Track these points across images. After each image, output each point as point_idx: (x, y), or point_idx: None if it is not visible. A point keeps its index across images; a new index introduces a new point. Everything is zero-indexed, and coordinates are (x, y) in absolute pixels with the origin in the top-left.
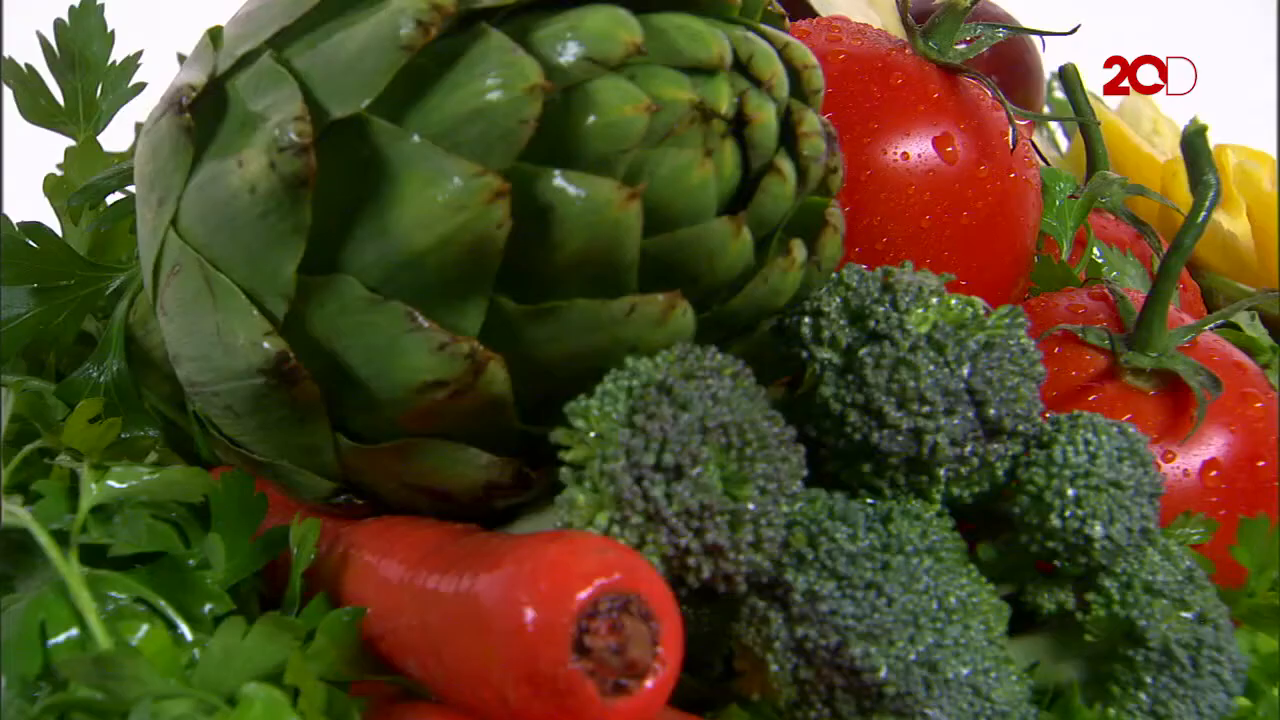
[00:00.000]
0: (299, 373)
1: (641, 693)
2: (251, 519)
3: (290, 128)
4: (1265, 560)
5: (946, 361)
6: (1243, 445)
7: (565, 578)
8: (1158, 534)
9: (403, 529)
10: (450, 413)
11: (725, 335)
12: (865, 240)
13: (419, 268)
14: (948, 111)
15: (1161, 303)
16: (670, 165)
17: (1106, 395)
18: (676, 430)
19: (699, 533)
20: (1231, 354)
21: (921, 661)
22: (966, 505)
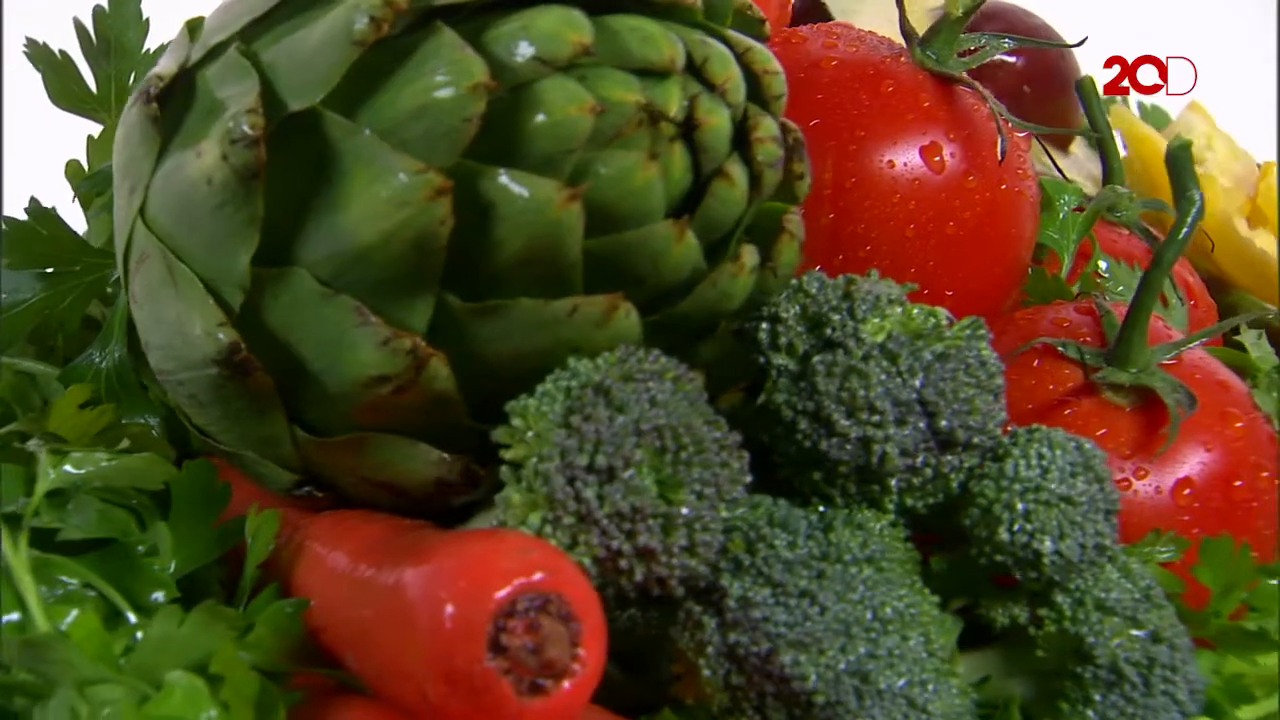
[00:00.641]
0: (251, 364)
1: (559, 693)
2: (213, 508)
3: (243, 120)
4: (1230, 581)
5: (899, 371)
6: (1219, 465)
7: (484, 576)
8: (1117, 551)
9: (354, 522)
10: (398, 408)
11: (681, 339)
12: (849, 248)
13: (367, 263)
14: (938, 121)
15: (1141, 319)
16: (616, 167)
17: (1082, 410)
18: (611, 432)
19: (630, 535)
20: (1215, 373)
21: (852, 671)
22: (923, 516)
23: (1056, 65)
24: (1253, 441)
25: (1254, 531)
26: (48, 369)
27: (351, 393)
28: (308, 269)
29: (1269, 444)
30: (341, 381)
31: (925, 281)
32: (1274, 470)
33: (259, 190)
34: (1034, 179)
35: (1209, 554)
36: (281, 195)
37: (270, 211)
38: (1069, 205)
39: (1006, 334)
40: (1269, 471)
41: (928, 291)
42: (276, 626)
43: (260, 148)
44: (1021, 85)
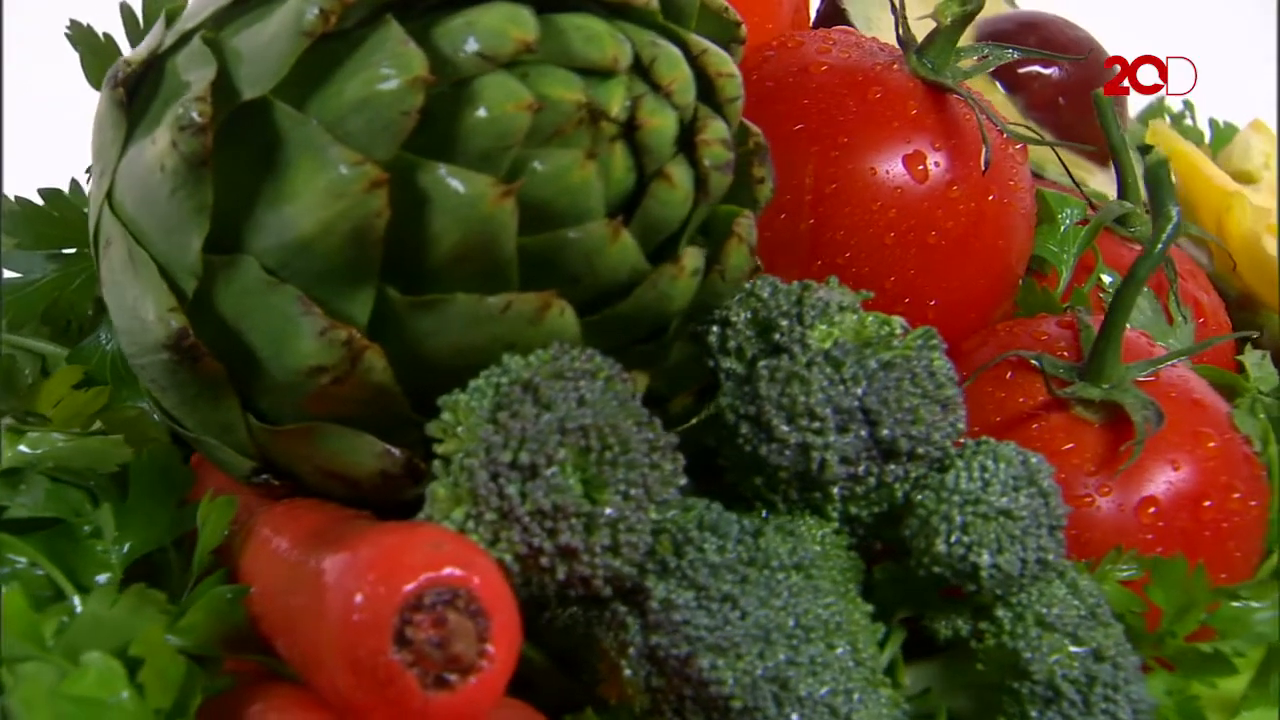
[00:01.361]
0: (199, 350)
1: (465, 688)
2: (172, 492)
3: (192, 108)
4: (1185, 602)
5: (842, 379)
6: (1187, 484)
7: (393, 568)
8: (1067, 567)
9: (301, 511)
10: (340, 399)
11: (628, 339)
12: (828, 254)
13: (310, 253)
14: (924, 129)
15: (1113, 335)
16: (553, 164)
17: (1050, 424)
18: (536, 430)
19: (552, 533)
20: (1192, 392)
21: (771, 677)
22: (869, 525)
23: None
24: (1225, 462)
25: (1223, 553)
26: (58, 349)
27: (295, 382)
28: (256, 257)
29: (1244, 465)
30: (286, 371)
31: (906, 290)
32: (1248, 492)
33: (208, 178)
34: (1028, 191)
35: (1160, 574)
36: (234, 183)
37: (222, 199)
38: (1072, 218)
39: (987, 346)
40: (1241, 493)
41: (909, 300)
42: (211, 612)
43: (207, 135)
44: (1057, 97)
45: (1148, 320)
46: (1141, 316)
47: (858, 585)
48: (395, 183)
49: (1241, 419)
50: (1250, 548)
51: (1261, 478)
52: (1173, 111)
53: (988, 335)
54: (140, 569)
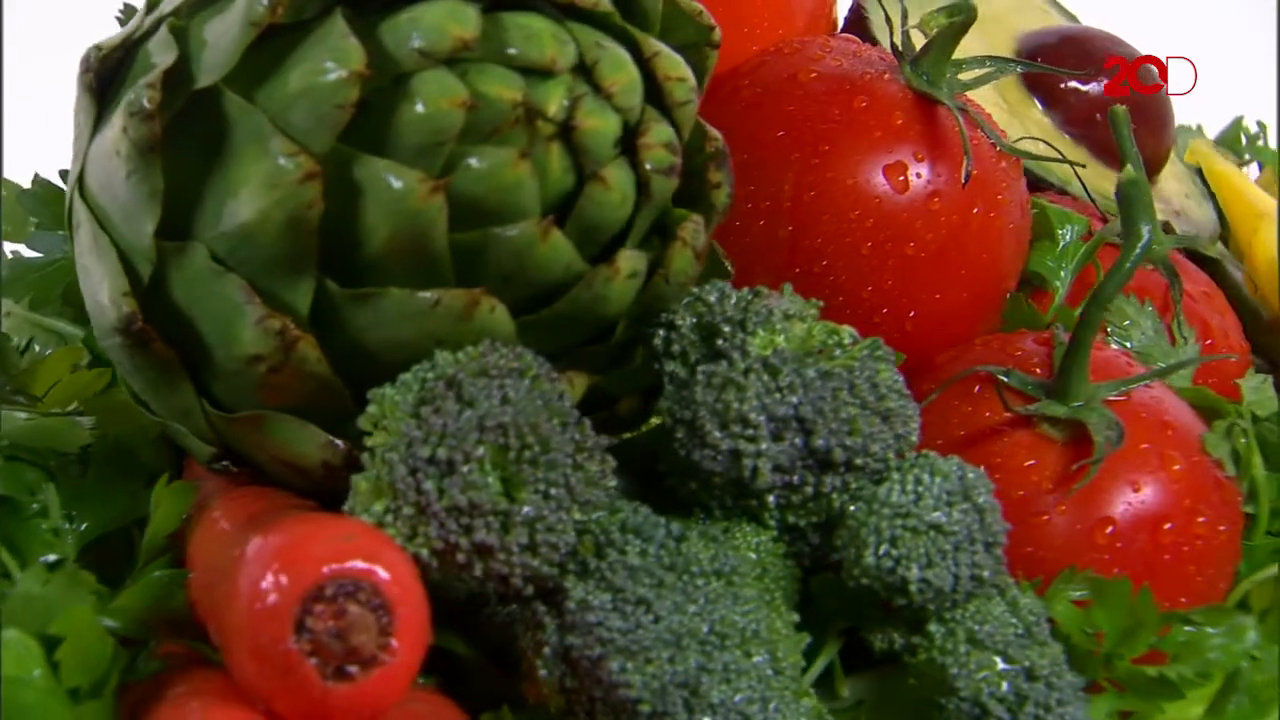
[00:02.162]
0: (148, 334)
1: (366, 681)
2: (133, 475)
3: (143, 94)
4: (1130, 624)
5: (778, 386)
6: (1147, 506)
7: (297, 558)
8: (1009, 584)
9: (249, 498)
10: (282, 388)
11: (575, 341)
12: (805, 261)
13: (252, 242)
14: (908, 140)
15: (1079, 353)
16: (487, 162)
17: (1014, 440)
18: (456, 426)
19: (468, 530)
20: (1164, 413)
21: (681, 683)
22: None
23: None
24: (1190, 485)
25: (1184, 577)
26: (77, 330)
27: (240, 370)
28: (206, 245)
29: (1212, 490)
30: (232, 359)
31: (884, 301)
32: (1214, 517)
33: (157, 164)
34: (1019, 206)
35: (1103, 594)
36: (187, 170)
37: (176, 185)
38: (1074, 234)
39: (961, 360)
40: (1207, 518)
41: (887, 310)
42: (146, 595)
43: (155, 122)
44: (1094, 113)
45: (1148, 340)
46: (1142, 336)
47: (794, 594)
48: (332, 175)
49: (1214, 443)
50: (1217, 573)
51: (1232, 503)
52: (1249, 132)
53: (964, 350)
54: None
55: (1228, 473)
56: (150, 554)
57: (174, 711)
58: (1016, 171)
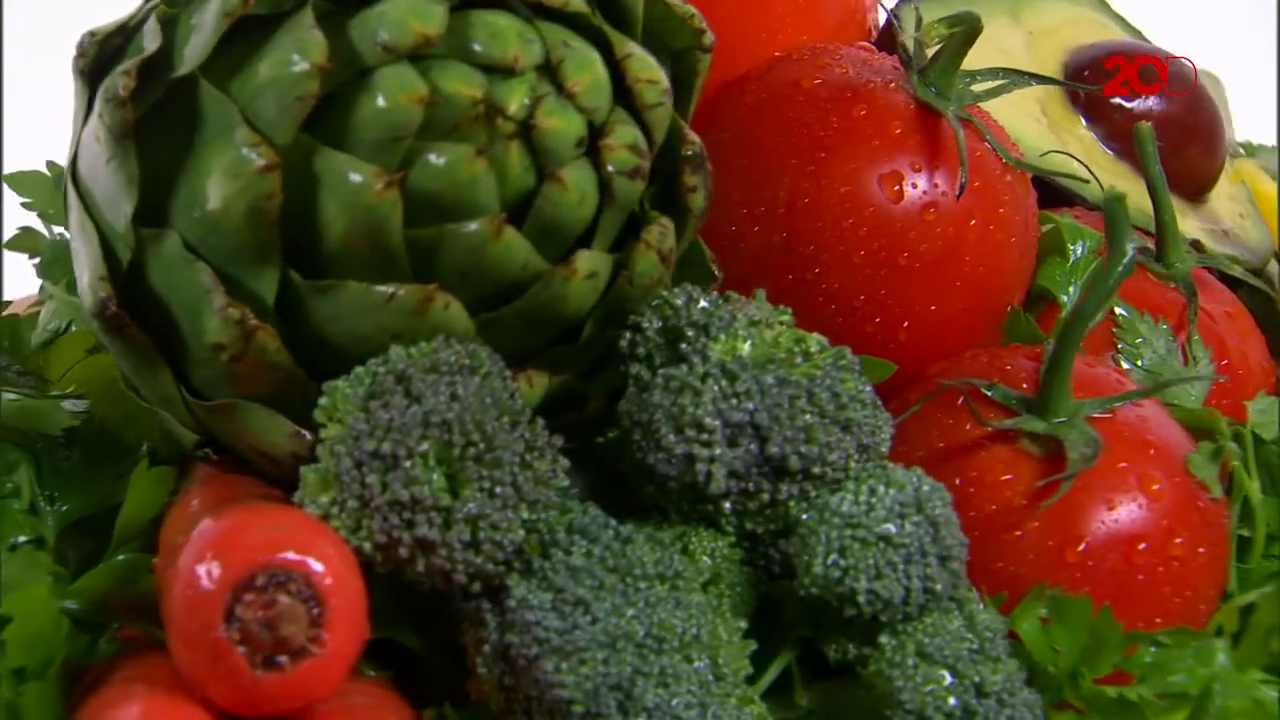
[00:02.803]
0: (122, 319)
1: (295, 672)
2: (119, 459)
3: (117, 81)
4: (1091, 643)
5: (735, 392)
6: (1121, 526)
7: (230, 547)
8: (969, 599)
9: (224, 484)
10: (249, 378)
11: (541, 340)
12: (798, 268)
13: (218, 231)
14: (906, 150)
15: (1059, 369)
16: (444, 159)
17: (991, 455)
18: (401, 421)
19: (409, 525)
20: (1148, 433)
21: (614, 685)
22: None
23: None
24: (1169, 506)
25: (1159, 598)
26: None
27: (208, 358)
28: (180, 233)
29: (1192, 512)
30: (201, 347)
31: (877, 310)
32: (1192, 539)
33: (132, 150)
34: (1023, 219)
35: (1061, 612)
36: (165, 157)
37: (155, 172)
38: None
39: (951, 372)
40: (1184, 539)
41: (880, 320)
42: (106, 578)
43: (128, 109)
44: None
45: (1159, 359)
46: (1153, 355)
47: (751, 601)
48: (296, 167)
49: (1199, 464)
50: (1196, 595)
51: (1215, 525)
52: None
53: (954, 362)
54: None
55: (1213, 495)
56: (123, 538)
57: (116, 693)
58: (1023, 186)
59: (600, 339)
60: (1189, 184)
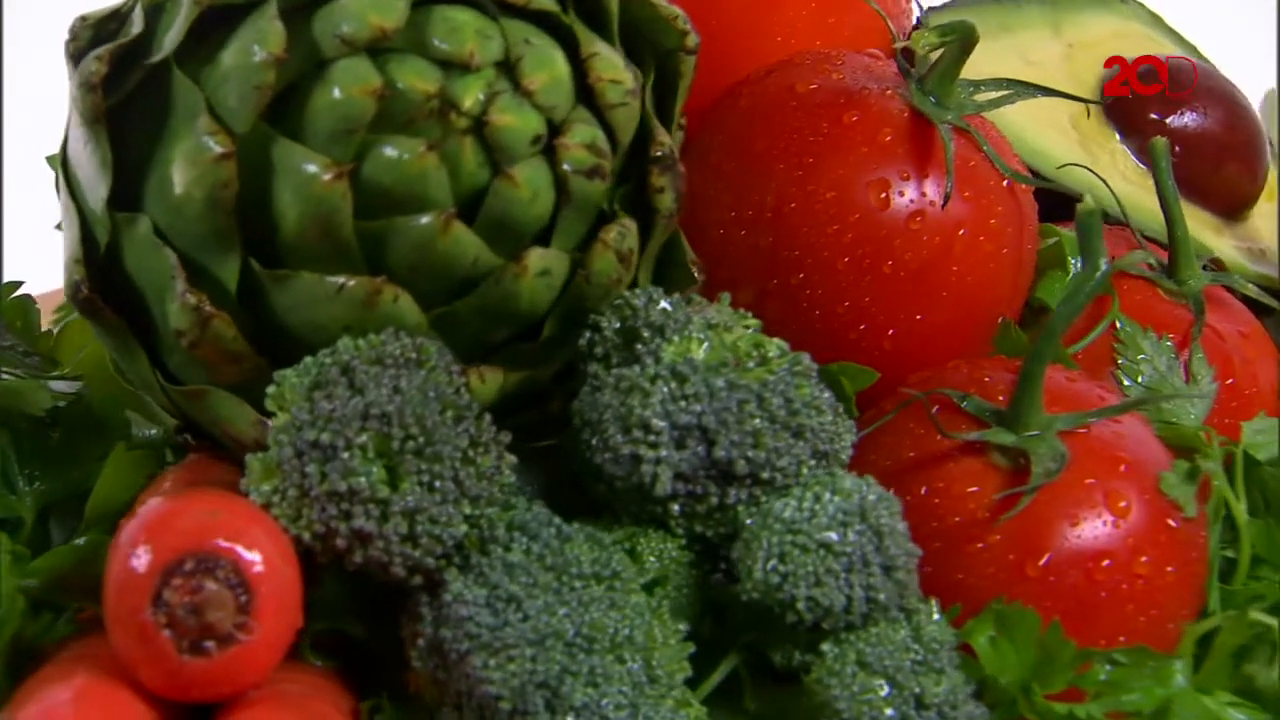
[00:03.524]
0: (95, 303)
1: (221, 658)
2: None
3: (90, 66)
4: (1039, 658)
5: (684, 395)
6: (1085, 542)
7: (160, 531)
8: (919, 610)
9: (196, 468)
10: (211, 364)
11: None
12: (783, 273)
13: (182, 217)
14: (894, 159)
15: (1030, 382)
16: (395, 152)
17: (959, 466)
18: (342, 412)
19: (347, 516)
20: (1121, 449)
21: (541, 683)
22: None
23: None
24: (1135, 525)
25: (1122, 616)
26: None
27: (174, 344)
28: (151, 217)
29: (1160, 531)
30: (167, 332)
31: (861, 317)
32: (1160, 558)
33: (104, 134)
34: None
35: (1008, 624)
36: (139, 142)
37: (129, 157)
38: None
39: (930, 382)
40: (1150, 558)
41: (864, 327)
42: (67, 558)
43: (98, 93)
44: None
45: (1157, 377)
46: (1152, 372)
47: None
48: (255, 155)
49: (1172, 483)
50: (1163, 615)
51: (1186, 545)
52: None
53: (936, 372)
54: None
55: (1187, 514)
56: (94, 518)
57: (56, 672)
58: (1022, 198)
59: (564, 338)
60: (1227, 201)
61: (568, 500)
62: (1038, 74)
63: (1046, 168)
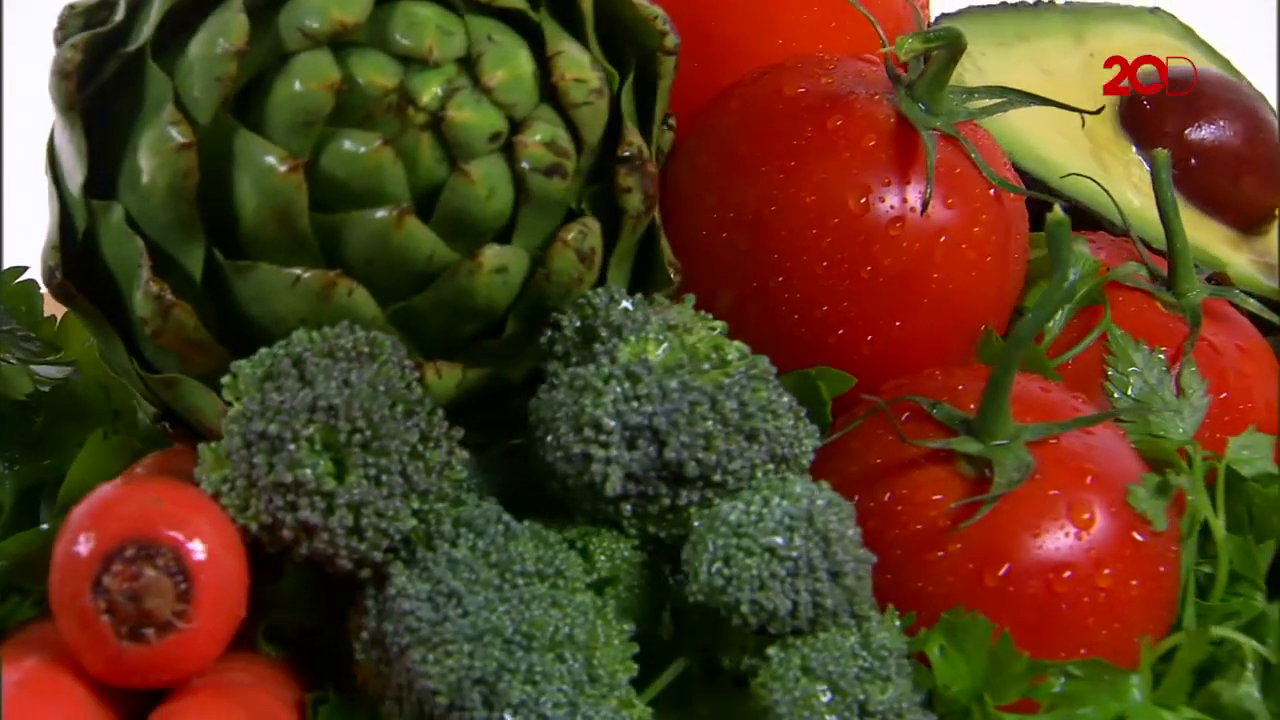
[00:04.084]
0: (68, 289)
1: (160, 645)
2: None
3: (65, 53)
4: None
5: (636, 395)
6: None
7: (103, 517)
8: (870, 618)
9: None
10: (180, 354)
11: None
12: (762, 276)
13: (149, 205)
14: (877, 164)
15: (997, 392)
16: (352, 146)
17: (925, 474)
18: (291, 404)
19: (292, 507)
20: (1090, 461)
21: (478, 679)
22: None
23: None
24: (1099, 537)
25: (1082, 629)
26: None
27: (140, 332)
28: (124, 205)
29: (1125, 544)
30: (137, 319)
31: (840, 322)
32: (1123, 571)
33: (79, 122)
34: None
35: (955, 632)
36: (116, 130)
37: (106, 145)
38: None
39: (903, 389)
40: (1113, 571)
41: (843, 332)
42: (30, 542)
43: (72, 81)
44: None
45: (1147, 389)
46: (1142, 385)
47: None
48: (218, 146)
49: (1140, 497)
50: (1126, 629)
51: (1152, 559)
52: None
53: (911, 379)
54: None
55: (1156, 528)
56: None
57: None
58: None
59: (528, 336)
60: (1245, 215)
61: (530, 499)
62: (1053, 84)
63: (1052, 177)
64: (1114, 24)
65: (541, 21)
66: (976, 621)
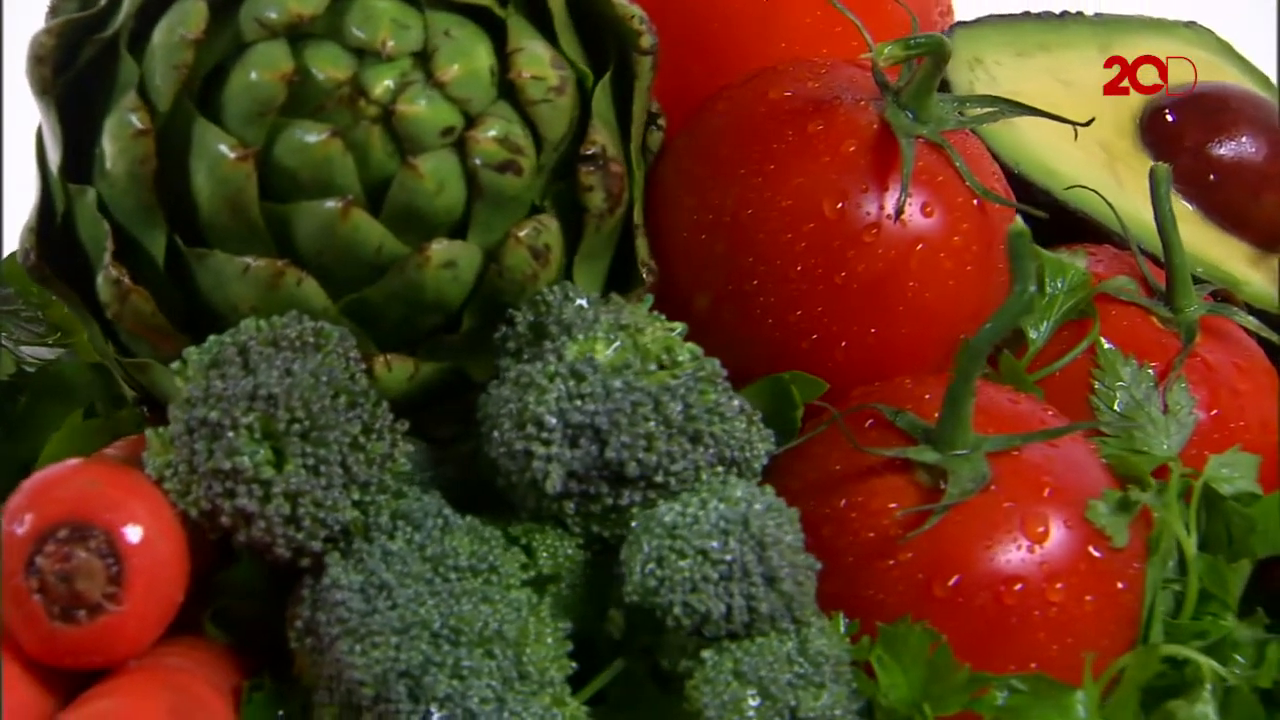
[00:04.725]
0: (43, 270)
1: (90, 627)
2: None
3: (40, 38)
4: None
5: (579, 394)
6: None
7: (40, 499)
8: (809, 624)
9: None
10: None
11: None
12: (738, 279)
13: (114, 190)
14: (854, 170)
15: (956, 402)
16: (302, 136)
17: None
18: (233, 392)
19: (230, 495)
20: (1050, 474)
21: (403, 672)
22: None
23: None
24: (1052, 552)
25: (1033, 643)
26: None
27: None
28: (96, 190)
29: (1080, 559)
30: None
31: (813, 327)
32: (1077, 586)
33: (53, 106)
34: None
35: (892, 641)
36: (92, 115)
37: (83, 129)
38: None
39: (871, 396)
40: (1066, 585)
41: (816, 337)
42: None
43: (45, 66)
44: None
45: (1133, 404)
46: (1129, 400)
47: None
48: (178, 133)
49: (1099, 512)
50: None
51: (1109, 575)
52: None
53: (880, 386)
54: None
55: (1115, 544)
56: None
57: None
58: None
59: (485, 331)
60: (1265, 232)
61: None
62: (1072, 95)
63: (1059, 188)
64: (1144, 36)
65: (507, 18)
66: (913, 631)
